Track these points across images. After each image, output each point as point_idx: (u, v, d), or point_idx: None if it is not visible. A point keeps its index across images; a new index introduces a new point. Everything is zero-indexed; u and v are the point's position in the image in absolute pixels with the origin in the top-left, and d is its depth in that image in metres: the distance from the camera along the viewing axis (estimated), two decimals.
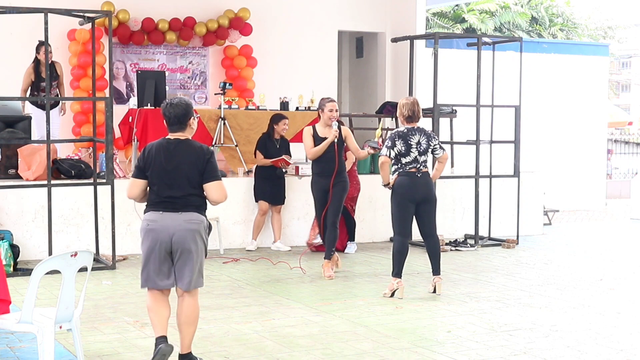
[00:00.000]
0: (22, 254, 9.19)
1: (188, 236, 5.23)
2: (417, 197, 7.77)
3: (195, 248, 5.26)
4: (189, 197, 5.32)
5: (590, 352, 5.84)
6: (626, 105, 49.60)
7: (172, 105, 5.53)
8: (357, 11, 15.06)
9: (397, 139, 7.71)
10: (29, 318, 4.89)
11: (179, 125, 5.55)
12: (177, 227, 5.22)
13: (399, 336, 6.23)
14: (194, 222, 5.28)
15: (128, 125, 11.29)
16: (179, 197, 5.28)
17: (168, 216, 5.23)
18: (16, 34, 12.29)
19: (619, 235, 13.14)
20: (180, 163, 5.36)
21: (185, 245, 5.22)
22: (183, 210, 5.27)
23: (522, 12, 31.21)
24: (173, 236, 5.21)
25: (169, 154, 5.41)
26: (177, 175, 5.33)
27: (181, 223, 5.23)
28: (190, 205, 5.31)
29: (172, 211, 5.25)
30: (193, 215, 5.30)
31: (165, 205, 5.27)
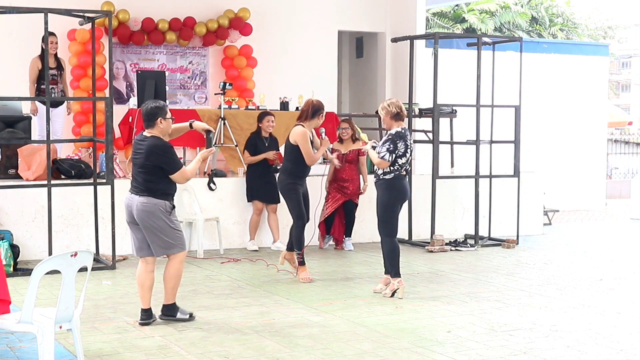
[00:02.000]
0: (22, 254, 9.19)
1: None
2: (407, 198, 8.00)
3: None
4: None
5: (590, 352, 5.84)
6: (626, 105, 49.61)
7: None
8: (357, 11, 15.05)
9: (398, 141, 7.65)
10: (29, 318, 4.89)
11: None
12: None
13: (399, 336, 6.23)
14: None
15: (128, 125, 11.28)
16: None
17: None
18: (16, 34, 12.29)
19: (619, 235, 13.14)
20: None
21: None
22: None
23: (522, 12, 31.22)
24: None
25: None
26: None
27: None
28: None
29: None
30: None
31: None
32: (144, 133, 6.52)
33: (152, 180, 6.37)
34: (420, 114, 12.18)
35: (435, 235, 10.71)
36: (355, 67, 16.25)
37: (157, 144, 6.42)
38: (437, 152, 10.71)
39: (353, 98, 16.09)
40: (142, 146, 6.43)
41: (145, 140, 6.44)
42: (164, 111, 6.56)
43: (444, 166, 11.95)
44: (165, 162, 6.39)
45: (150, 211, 6.35)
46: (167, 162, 6.40)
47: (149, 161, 6.37)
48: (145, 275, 6.57)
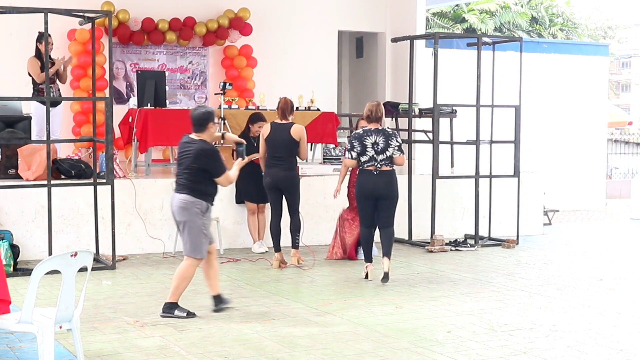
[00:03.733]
0: (22, 254, 9.19)
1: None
2: (374, 193, 8.39)
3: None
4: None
5: (590, 352, 5.84)
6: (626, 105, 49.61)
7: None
8: (357, 11, 15.06)
9: (354, 141, 8.42)
10: (29, 318, 4.89)
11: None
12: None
13: (399, 336, 6.23)
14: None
15: (128, 125, 11.29)
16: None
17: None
18: (16, 34, 12.29)
19: (619, 235, 13.14)
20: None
21: None
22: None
23: (522, 12, 31.21)
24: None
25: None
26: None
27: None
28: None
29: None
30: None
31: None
32: (191, 136, 6.83)
33: (195, 181, 6.71)
34: (420, 114, 12.17)
35: (435, 235, 10.71)
36: (355, 67, 16.25)
37: (205, 148, 6.78)
38: (437, 152, 10.71)
39: (353, 98, 16.09)
40: (190, 148, 6.74)
41: (194, 143, 6.76)
42: (213, 116, 6.90)
43: (444, 166, 11.94)
44: (212, 165, 6.77)
45: (186, 208, 6.67)
46: (214, 166, 6.78)
47: (196, 163, 6.70)
48: (207, 264, 6.91)
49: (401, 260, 9.78)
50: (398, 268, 9.28)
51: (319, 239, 10.82)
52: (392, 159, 8.37)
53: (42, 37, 9.73)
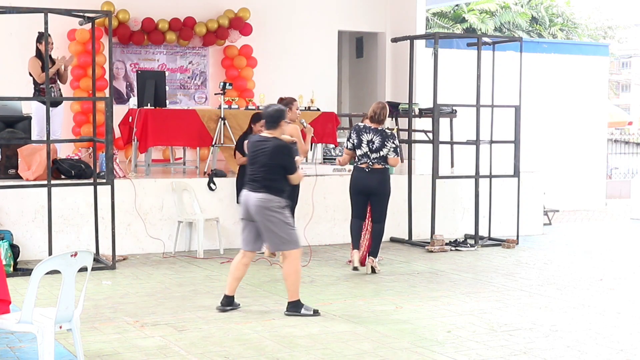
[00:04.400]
0: (22, 254, 9.19)
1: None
2: (364, 190, 8.81)
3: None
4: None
5: (590, 352, 5.84)
6: (626, 105, 49.60)
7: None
8: (357, 11, 15.07)
9: (352, 132, 8.84)
10: (29, 318, 4.89)
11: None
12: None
13: (399, 336, 6.23)
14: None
15: (128, 125, 11.29)
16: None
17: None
18: (16, 34, 12.29)
19: (619, 235, 13.14)
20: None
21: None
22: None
23: (522, 12, 31.21)
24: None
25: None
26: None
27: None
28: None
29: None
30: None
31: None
32: (263, 134, 6.93)
33: (271, 179, 6.79)
34: (420, 114, 12.17)
35: (435, 235, 10.71)
36: (355, 67, 16.26)
37: (282, 145, 6.90)
38: (437, 152, 10.70)
39: (353, 98, 16.10)
40: (265, 146, 6.82)
41: (269, 141, 6.85)
42: (285, 114, 7.01)
43: (444, 166, 11.95)
44: (288, 162, 6.87)
45: (267, 207, 6.74)
46: (290, 162, 6.88)
47: (272, 160, 6.78)
48: (239, 266, 6.96)
49: (401, 260, 9.78)
50: (398, 268, 9.29)
51: (319, 239, 10.82)
52: (386, 158, 8.67)
53: (42, 37, 9.75)
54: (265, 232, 6.81)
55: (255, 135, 7.15)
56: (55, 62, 10.63)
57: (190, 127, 11.08)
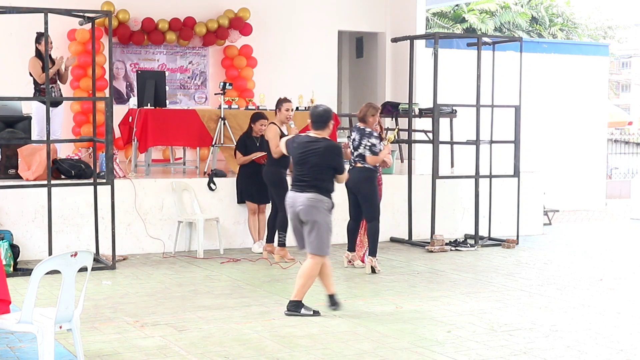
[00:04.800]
0: (22, 254, 9.19)
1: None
2: (350, 188, 8.96)
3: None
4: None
5: (590, 352, 5.84)
6: (626, 105, 49.60)
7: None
8: (357, 11, 15.06)
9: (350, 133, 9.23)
10: (29, 318, 4.89)
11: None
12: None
13: (399, 336, 6.23)
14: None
15: (128, 125, 11.29)
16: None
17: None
18: (16, 34, 12.29)
19: (619, 235, 13.14)
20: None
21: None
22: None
23: (522, 12, 31.21)
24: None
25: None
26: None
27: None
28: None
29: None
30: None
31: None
32: (311, 134, 6.92)
33: (321, 179, 6.80)
34: (420, 114, 12.17)
35: (435, 235, 10.70)
36: (355, 67, 16.26)
37: (334, 145, 6.97)
38: (437, 152, 10.70)
39: (353, 98, 16.10)
40: (316, 146, 6.81)
41: (319, 142, 6.84)
42: (332, 114, 7.03)
43: (444, 166, 11.95)
44: (339, 162, 6.91)
45: (316, 206, 6.73)
46: (340, 163, 6.93)
47: (324, 161, 6.80)
48: (321, 266, 6.93)
49: (401, 260, 9.78)
50: (398, 268, 9.29)
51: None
52: (364, 157, 8.76)
53: (41, 38, 9.77)
54: (309, 232, 6.77)
55: (301, 135, 7.10)
56: (55, 62, 10.62)
57: (190, 127, 11.07)
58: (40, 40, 10.34)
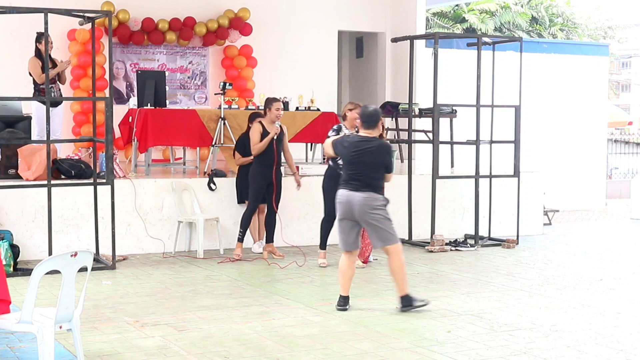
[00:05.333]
0: (22, 254, 9.19)
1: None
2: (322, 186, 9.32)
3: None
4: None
5: (590, 352, 5.84)
6: (626, 105, 49.60)
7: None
8: (357, 11, 15.07)
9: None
10: (29, 318, 4.89)
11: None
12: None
13: (399, 336, 6.23)
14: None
15: (128, 125, 11.29)
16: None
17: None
18: (16, 34, 12.30)
19: (619, 235, 13.14)
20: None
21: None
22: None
23: (522, 12, 31.21)
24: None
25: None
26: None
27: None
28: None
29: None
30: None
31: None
32: (361, 133, 7.00)
33: (375, 177, 6.94)
34: (420, 114, 12.18)
35: (435, 235, 10.71)
36: (355, 67, 16.26)
37: (387, 144, 7.11)
38: (437, 152, 10.70)
39: (353, 98, 16.08)
40: (370, 146, 6.91)
41: (372, 141, 6.94)
42: (380, 114, 7.14)
43: (444, 166, 11.95)
44: (390, 161, 7.07)
45: (373, 205, 6.85)
46: (390, 162, 7.09)
47: (377, 159, 6.93)
48: (348, 266, 7.08)
49: None
50: None
51: (318, 240, 10.79)
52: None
53: (41, 38, 9.77)
54: (371, 230, 6.93)
55: (352, 135, 7.16)
56: (58, 65, 10.62)
57: (190, 127, 11.08)
58: (41, 39, 10.33)
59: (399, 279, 7.01)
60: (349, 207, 6.90)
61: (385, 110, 12.84)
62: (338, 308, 7.06)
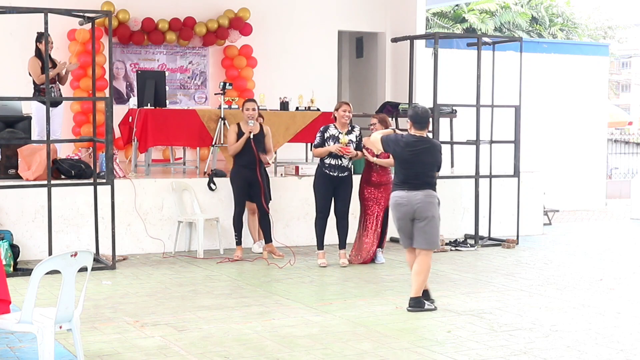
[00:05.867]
0: (22, 254, 9.19)
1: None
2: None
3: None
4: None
5: (590, 352, 5.84)
6: (626, 105, 49.60)
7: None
8: (357, 11, 15.06)
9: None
10: (29, 318, 4.89)
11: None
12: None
13: (399, 336, 6.23)
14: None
15: (128, 125, 11.29)
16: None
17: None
18: (16, 34, 12.29)
19: (619, 235, 13.13)
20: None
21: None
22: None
23: (522, 12, 31.20)
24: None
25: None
26: None
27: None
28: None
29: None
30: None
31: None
32: (413, 133, 7.10)
33: (432, 176, 7.14)
34: None
35: None
36: (355, 67, 16.26)
37: (438, 144, 7.29)
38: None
39: (353, 98, 16.08)
40: (426, 145, 7.08)
41: (426, 141, 7.12)
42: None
43: (444, 166, 11.90)
44: (441, 160, 7.28)
45: (433, 203, 7.08)
46: (441, 161, 7.29)
47: (434, 159, 7.14)
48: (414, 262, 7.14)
49: (401, 260, 9.77)
50: (398, 268, 9.29)
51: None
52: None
53: (42, 37, 9.76)
54: (422, 229, 7.03)
55: (404, 135, 7.24)
56: (55, 62, 10.61)
57: (190, 127, 11.07)
58: (41, 39, 10.33)
59: (419, 280, 7.05)
60: (409, 208, 7.04)
61: (385, 110, 12.82)
62: (427, 306, 7.08)
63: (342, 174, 9.21)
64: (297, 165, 11.04)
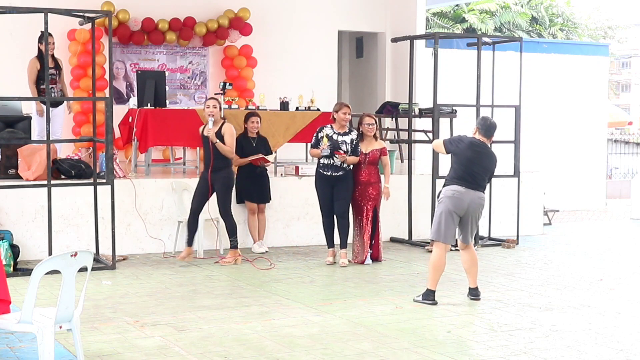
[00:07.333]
0: (22, 254, 9.19)
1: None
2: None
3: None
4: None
5: (590, 352, 5.84)
6: (626, 105, 49.60)
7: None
8: (357, 11, 15.07)
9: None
10: (29, 318, 4.89)
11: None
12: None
13: (399, 336, 6.23)
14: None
15: (128, 125, 11.29)
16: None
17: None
18: (16, 34, 12.29)
19: (619, 235, 13.14)
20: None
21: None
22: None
23: (522, 12, 31.21)
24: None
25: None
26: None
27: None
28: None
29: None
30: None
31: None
32: (479, 137, 7.59)
33: (485, 180, 7.56)
34: (420, 114, 12.16)
35: None
36: (355, 67, 16.26)
37: (497, 158, 7.70)
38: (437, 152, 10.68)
39: (353, 98, 16.10)
40: (488, 152, 7.60)
41: (489, 148, 7.62)
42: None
43: (444, 166, 11.91)
44: (494, 171, 7.74)
45: (483, 205, 7.52)
46: (494, 172, 7.76)
47: (492, 167, 7.62)
48: (444, 259, 7.47)
49: (401, 260, 9.78)
50: (398, 268, 9.29)
51: (318, 239, 10.80)
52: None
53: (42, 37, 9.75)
54: (469, 226, 7.48)
55: (467, 136, 7.66)
56: (58, 62, 10.61)
57: (190, 127, 11.06)
58: (42, 40, 10.34)
59: (475, 271, 7.55)
60: (463, 204, 7.37)
61: (385, 110, 12.83)
62: (429, 303, 7.31)
63: (336, 173, 9.22)
64: (297, 165, 11.04)
